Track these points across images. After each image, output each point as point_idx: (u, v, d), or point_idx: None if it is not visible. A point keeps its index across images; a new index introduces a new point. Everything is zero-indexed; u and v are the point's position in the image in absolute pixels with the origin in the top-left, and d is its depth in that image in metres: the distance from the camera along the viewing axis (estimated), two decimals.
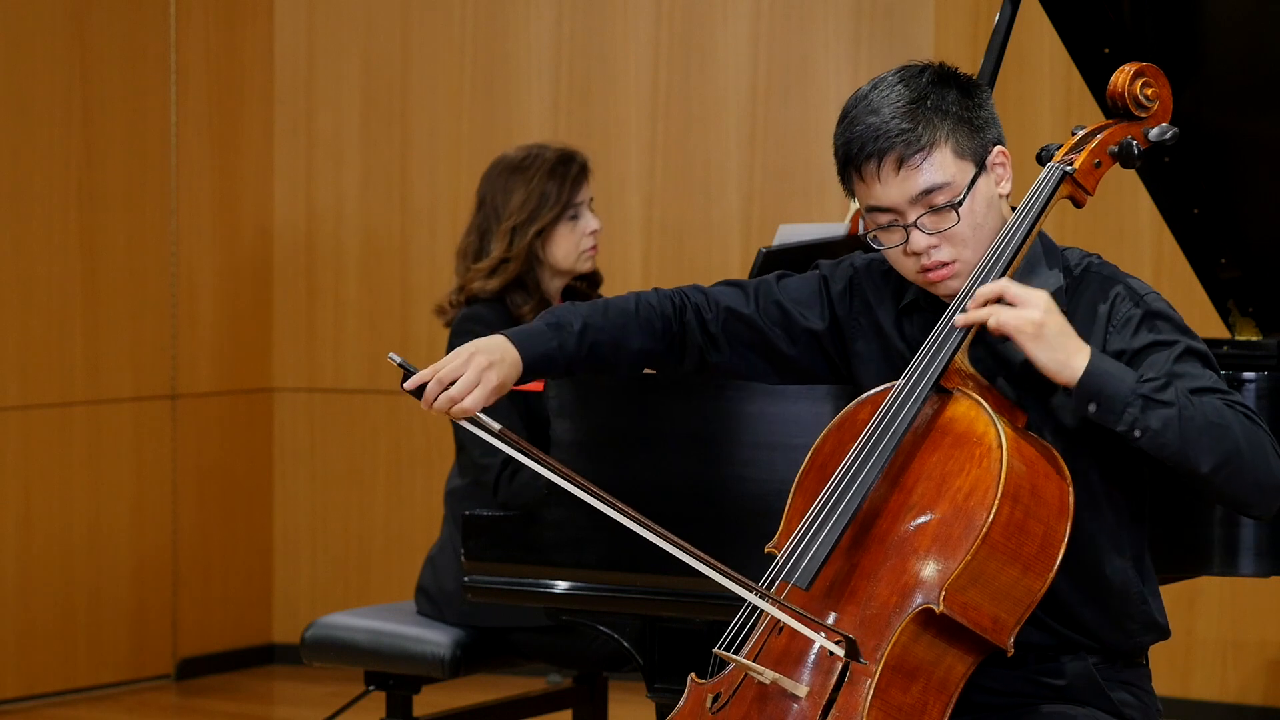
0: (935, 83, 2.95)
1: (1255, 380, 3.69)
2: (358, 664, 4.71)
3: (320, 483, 7.16)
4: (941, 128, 2.91)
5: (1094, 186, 2.99)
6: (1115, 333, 2.91)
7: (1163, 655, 3.80)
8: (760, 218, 6.64)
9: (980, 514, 2.73)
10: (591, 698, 4.98)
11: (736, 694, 2.84)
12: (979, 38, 6.23)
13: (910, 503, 2.81)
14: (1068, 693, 2.94)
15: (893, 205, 2.93)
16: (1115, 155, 3.00)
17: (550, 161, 4.75)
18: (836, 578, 2.82)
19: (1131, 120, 3.02)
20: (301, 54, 7.13)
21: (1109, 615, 2.96)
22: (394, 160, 7.05)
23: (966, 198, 2.91)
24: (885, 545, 2.80)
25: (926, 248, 2.92)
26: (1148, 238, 6.12)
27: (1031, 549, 2.76)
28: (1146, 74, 3.03)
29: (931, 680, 2.76)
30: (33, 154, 6.51)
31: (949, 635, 2.76)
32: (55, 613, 6.57)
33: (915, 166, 2.90)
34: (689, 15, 6.77)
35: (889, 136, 2.90)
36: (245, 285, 7.09)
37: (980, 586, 2.74)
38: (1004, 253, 2.91)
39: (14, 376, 6.47)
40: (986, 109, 2.98)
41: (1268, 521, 2.89)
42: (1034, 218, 2.93)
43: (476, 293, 4.71)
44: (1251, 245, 4.28)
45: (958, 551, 2.73)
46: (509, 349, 2.99)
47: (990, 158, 2.95)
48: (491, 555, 3.91)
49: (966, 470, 2.78)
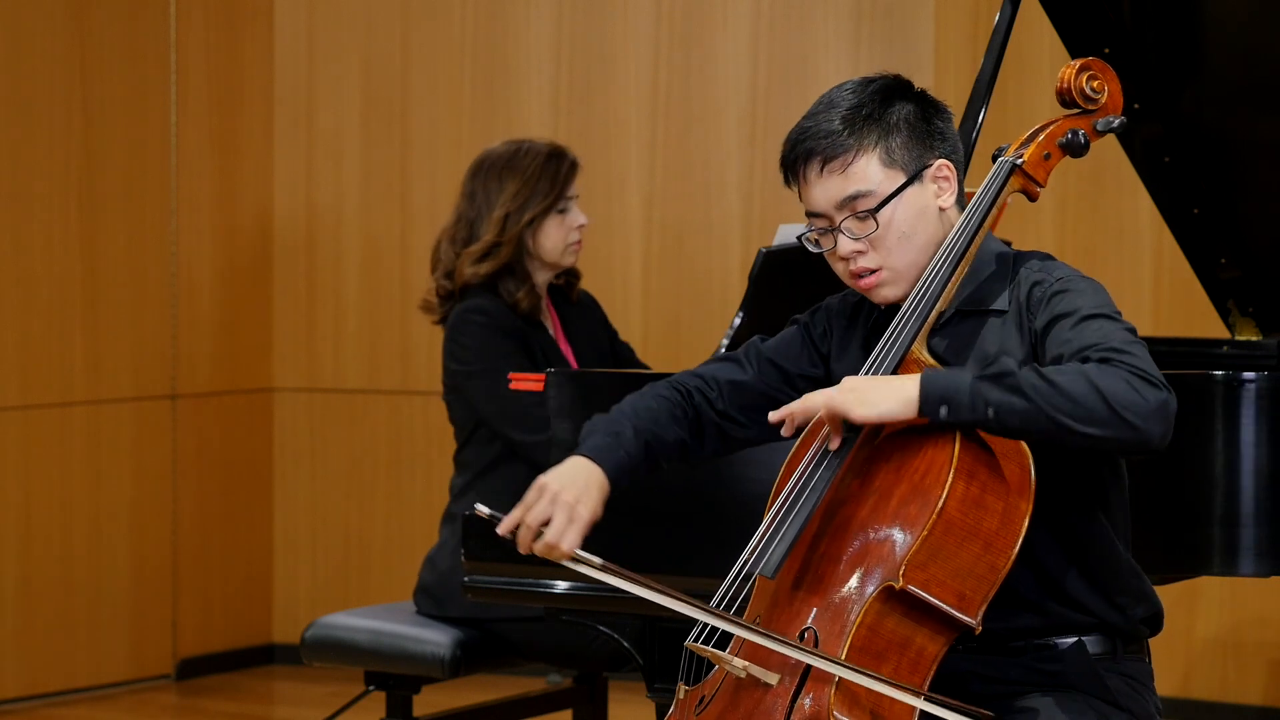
0: (884, 93, 3.02)
1: (1255, 380, 3.69)
2: (358, 664, 4.71)
3: (320, 483, 7.16)
4: (870, 135, 2.98)
5: (1045, 178, 3.06)
6: (1031, 316, 2.96)
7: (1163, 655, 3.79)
8: (760, 218, 6.65)
9: (936, 490, 2.79)
10: (591, 698, 4.99)
11: (719, 690, 2.89)
12: (979, 38, 6.23)
13: (872, 489, 2.87)
14: (1064, 679, 2.96)
15: (820, 210, 3.01)
16: (1064, 147, 3.07)
17: (543, 155, 4.85)
18: (804, 567, 2.87)
19: (1081, 113, 3.10)
20: (301, 54, 7.13)
21: (1101, 590, 2.99)
22: (394, 160, 7.05)
23: (888, 205, 2.97)
24: (848, 531, 2.86)
25: (852, 252, 3.00)
26: (1148, 238, 6.12)
27: (992, 525, 2.81)
28: (1092, 68, 3.10)
29: (902, 661, 2.81)
30: (33, 154, 6.51)
31: (915, 614, 2.81)
32: (55, 613, 6.57)
33: (836, 171, 2.98)
34: (689, 15, 6.77)
35: (816, 138, 2.99)
36: (245, 285, 7.09)
37: (941, 562, 2.79)
38: (955, 246, 2.98)
39: (14, 376, 6.47)
40: (937, 126, 3.03)
41: (1156, 448, 2.87)
42: (985, 210, 3.00)
43: (469, 279, 4.76)
44: (1251, 245, 4.28)
45: (915, 527, 2.79)
46: (590, 470, 2.95)
47: (930, 170, 3.01)
48: (491, 555, 3.91)
49: (924, 452, 2.83)
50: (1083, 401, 2.73)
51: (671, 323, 6.73)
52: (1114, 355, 2.78)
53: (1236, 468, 3.70)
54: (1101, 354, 2.79)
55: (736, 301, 4.37)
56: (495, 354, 4.69)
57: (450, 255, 4.84)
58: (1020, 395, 2.75)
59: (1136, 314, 6.13)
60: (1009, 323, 2.97)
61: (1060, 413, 2.74)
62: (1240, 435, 3.70)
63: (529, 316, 4.78)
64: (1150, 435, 2.76)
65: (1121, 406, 2.73)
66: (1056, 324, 2.90)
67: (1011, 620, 2.91)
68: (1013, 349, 2.95)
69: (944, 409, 2.79)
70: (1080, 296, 2.92)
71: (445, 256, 4.86)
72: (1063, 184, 6.23)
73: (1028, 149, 3.05)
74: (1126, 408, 2.73)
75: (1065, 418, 2.74)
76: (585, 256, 4.96)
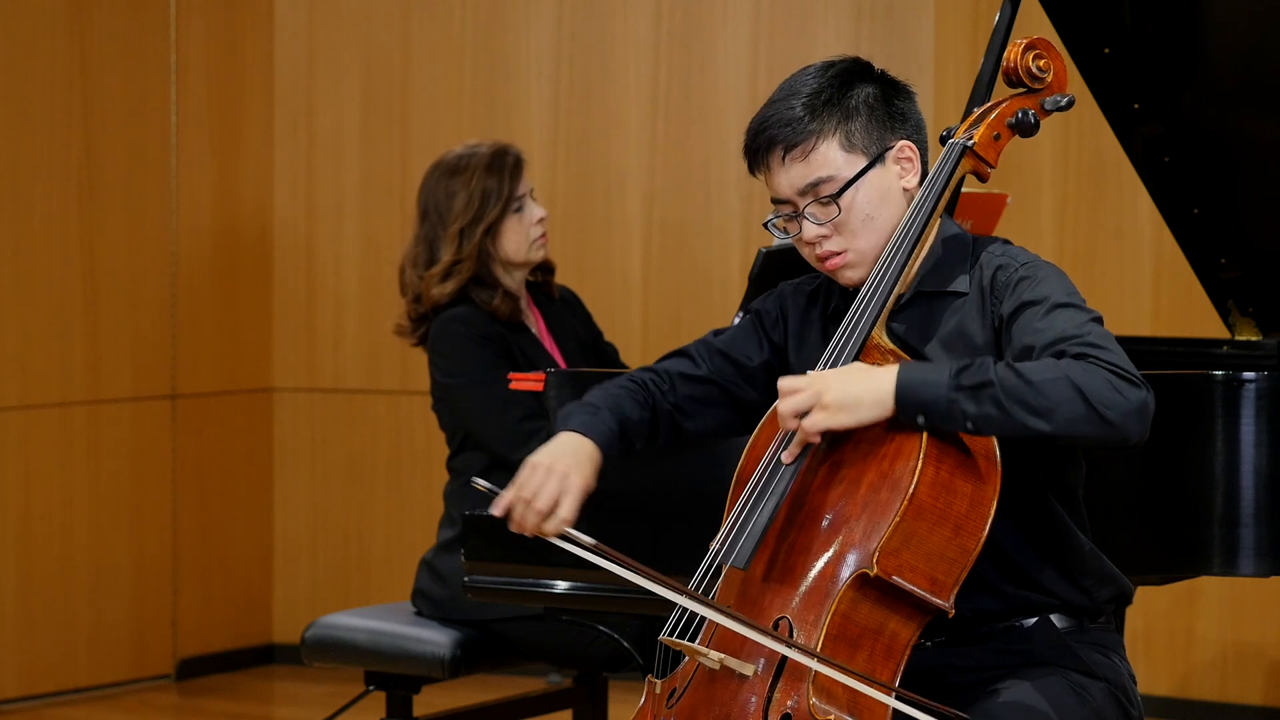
0: (843, 76, 3.03)
1: (1255, 380, 3.69)
2: (358, 664, 4.71)
3: (320, 483, 7.16)
4: (830, 120, 2.99)
5: (995, 159, 3.08)
6: (996, 302, 2.96)
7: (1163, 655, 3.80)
8: (760, 218, 6.61)
9: (906, 476, 2.80)
10: (591, 698, 4.99)
11: (690, 684, 2.90)
12: (979, 38, 6.23)
13: (839, 476, 2.87)
14: (1035, 656, 2.97)
15: (785, 196, 3.03)
16: (1013, 127, 3.08)
17: (485, 158, 4.80)
18: (774, 557, 2.87)
19: (1029, 92, 3.11)
20: (301, 54, 7.13)
21: (1063, 571, 3.00)
22: (394, 160, 7.05)
23: (849, 189, 2.98)
24: (818, 520, 2.86)
25: (816, 237, 3.02)
26: (1148, 238, 6.12)
27: (961, 508, 2.82)
28: (1038, 46, 3.12)
29: (876, 647, 2.82)
30: (33, 154, 6.51)
31: (889, 600, 2.81)
32: (55, 613, 6.57)
33: (797, 159, 3.00)
34: (689, 15, 6.77)
35: (778, 126, 3.01)
36: (245, 285, 7.09)
37: (913, 548, 2.79)
38: (910, 228, 2.99)
39: (14, 376, 6.47)
40: (898, 107, 3.04)
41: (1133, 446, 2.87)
42: (938, 192, 3.01)
43: (436, 300, 4.73)
44: (1251, 245, 4.28)
45: (886, 514, 2.79)
46: (579, 442, 2.98)
47: (892, 152, 3.02)
48: (491, 555, 3.91)
49: (891, 437, 2.84)
50: (1063, 405, 2.74)
51: (671, 323, 6.73)
52: (1091, 351, 2.78)
53: (1236, 468, 3.70)
54: (1078, 349, 2.79)
55: (736, 301, 4.38)
56: (477, 364, 4.68)
57: (414, 279, 4.80)
58: (997, 407, 2.76)
59: (1136, 314, 6.14)
60: (970, 305, 2.98)
61: (1039, 418, 2.74)
62: (1240, 435, 3.70)
63: (509, 321, 4.76)
64: (1128, 433, 2.78)
65: (1103, 407, 2.74)
66: (1024, 311, 2.90)
67: (972, 602, 2.91)
68: (974, 332, 2.96)
69: (921, 418, 2.80)
70: (1046, 284, 2.92)
71: (410, 281, 4.82)
72: (1063, 184, 6.23)
73: (978, 129, 3.06)
74: (1108, 408, 2.74)
75: (1042, 423, 2.75)
76: (585, 256, 4.96)
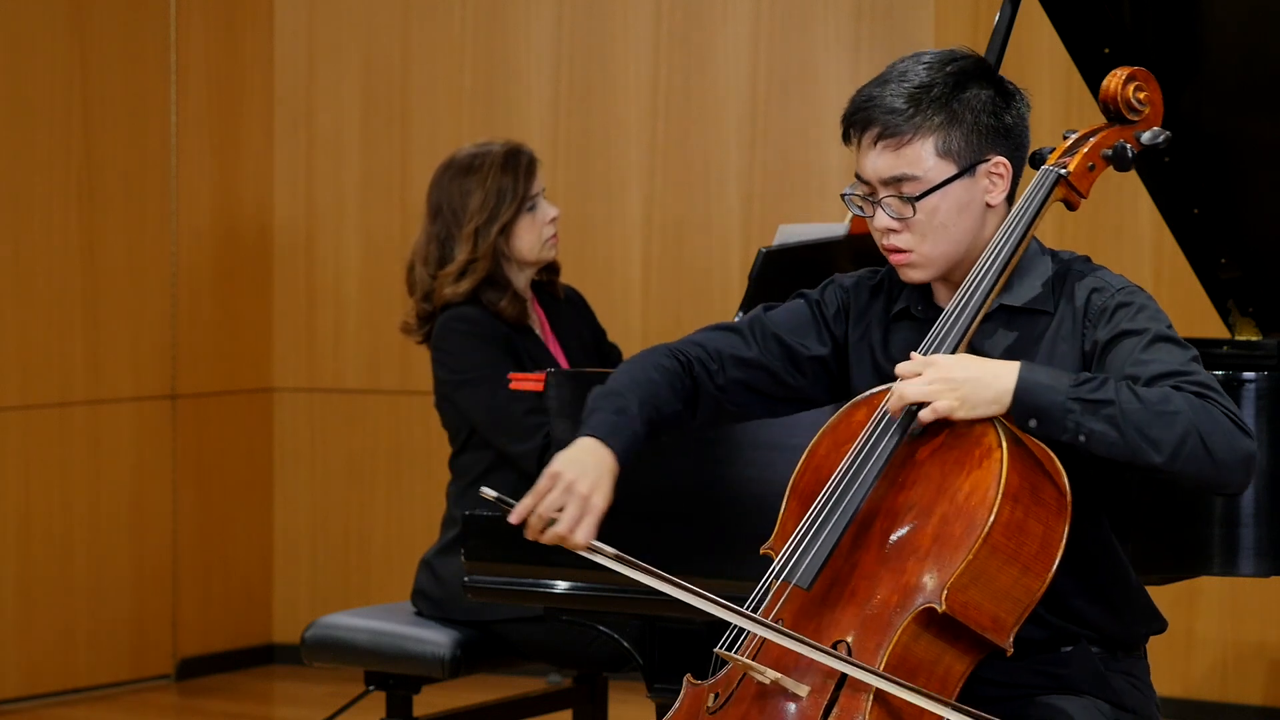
0: (959, 76, 2.95)
1: (1255, 380, 3.69)
2: (358, 664, 4.71)
3: (320, 483, 7.16)
4: (933, 120, 2.92)
5: (1088, 189, 3.00)
6: (1090, 327, 2.92)
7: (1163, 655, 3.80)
8: (760, 218, 6.64)
9: (981, 514, 2.74)
10: (591, 698, 4.99)
11: (735, 693, 2.83)
12: (979, 38, 6.23)
13: (910, 502, 2.81)
14: (1069, 682, 2.95)
15: (867, 178, 2.96)
16: (1109, 159, 3.01)
17: (500, 157, 4.79)
18: (836, 578, 2.82)
19: (1124, 124, 3.04)
20: (301, 54, 7.13)
21: (1109, 607, 2.97)
22: (394, 160, 7.05)
23: (931, 195, 2.92)
24: (885, 545, 2.80)
25: (885, 229, 2.96)
26: (1148, 238, 6.12)
27: (1031, 549, 2.77)
28: (1138, 78, 3.03)
29: (932, 679, 2.77)
30: (33, 154, 6.51)
31: (949, 634, 2.77)
32: (55, 613, 6.57)
33: (890, 148, 2.92)
34: (689, 15, 6.77)
35: (879, 111, 2.93)
36: (245, 285, 7.09)
37: (981, 586, 2.74)
38: (1000, 253, 2.93)
39: (14, 376, 6.47)
40: (1006, 122, 2.96)
41: (1232, 494, 2.87)
42: (1029, 219, 2.95)
43: (449, 299, 4.72)
44: (1251, 245, 4.28)
45: (959, 551, 2.74)
46: (601, 455, 2.89)
47: (985, 165, 2.95)
48: (491, 555, 3.91)
49: (967, 470, 2.78)
50: (1181, 442, 2.70)
51: (672, 323, 6.72)
52: (1208, 393, 2.75)
53: None
54: (1195, 388, 2.75)
55: (736, 301, 4.37)
56: (481, 361, 4.67)
57: (425, 277, 4.79)
58: (1115, 428, 2.71)
59: None
60: (1059, 326, 2.93)
61: (1154, 449, 2.71)
62: None
63: (515, 322, 4.75)
64: (1232, 482, 2.76)
65: (1219, 451, 2.71)
66: (1123, 340, 2.86)
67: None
68: (1064, 353, 2.91)
69: (1034, 421, 2.75)
70: (1144, 313, 2.89)
71: (420, 279, 4.80)
72: None
73: (1072, 159, 2.99)
74: (1224, 453, 2.72)
75: (1156, 455, 2.71)
76: (585, 256, 4.96)
